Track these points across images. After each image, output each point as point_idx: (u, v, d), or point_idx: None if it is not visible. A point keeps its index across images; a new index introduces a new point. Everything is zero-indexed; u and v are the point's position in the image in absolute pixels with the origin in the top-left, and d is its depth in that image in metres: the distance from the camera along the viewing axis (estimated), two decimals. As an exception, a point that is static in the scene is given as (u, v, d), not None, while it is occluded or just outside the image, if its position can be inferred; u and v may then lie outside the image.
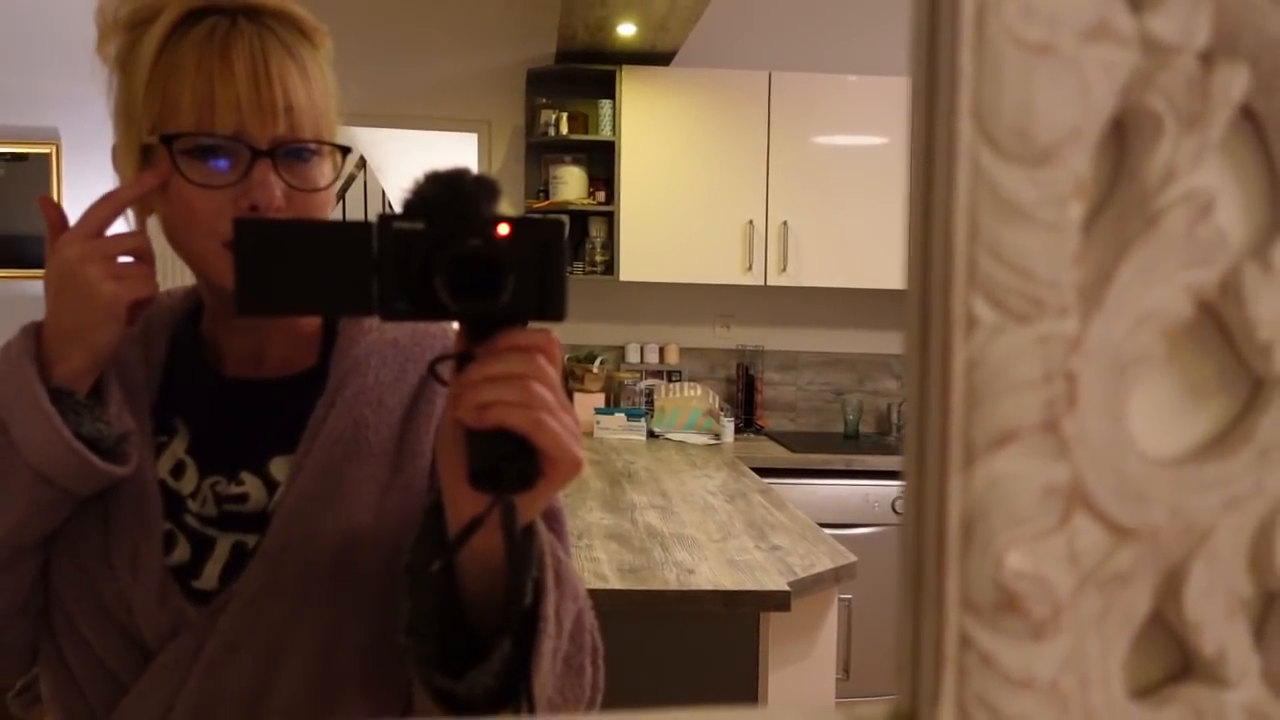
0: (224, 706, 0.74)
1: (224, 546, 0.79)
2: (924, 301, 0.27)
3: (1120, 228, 0.27)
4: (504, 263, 0.57)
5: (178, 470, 0.81)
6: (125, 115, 0.77)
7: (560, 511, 0.82)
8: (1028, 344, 0.26)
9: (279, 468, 0.80)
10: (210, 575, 0.78)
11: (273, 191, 0.74)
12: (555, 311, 0.58)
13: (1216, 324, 0.29)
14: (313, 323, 0.86)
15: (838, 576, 2.02)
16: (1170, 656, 0.29)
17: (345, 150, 0.81)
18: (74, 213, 0.74)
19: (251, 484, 0.80)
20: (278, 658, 0.75)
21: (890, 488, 3.50)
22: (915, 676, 0.28)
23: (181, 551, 0.79)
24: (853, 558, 2.08)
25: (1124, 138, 0.28)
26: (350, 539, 0.77)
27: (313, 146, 0.77)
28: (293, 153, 0.76)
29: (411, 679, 0.70)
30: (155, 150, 0.75)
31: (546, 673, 0.66)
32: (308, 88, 0.76)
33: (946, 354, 0.26)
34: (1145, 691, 0.28)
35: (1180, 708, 0.28)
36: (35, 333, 0.73)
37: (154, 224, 0.80)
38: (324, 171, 0.79)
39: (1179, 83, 0.27)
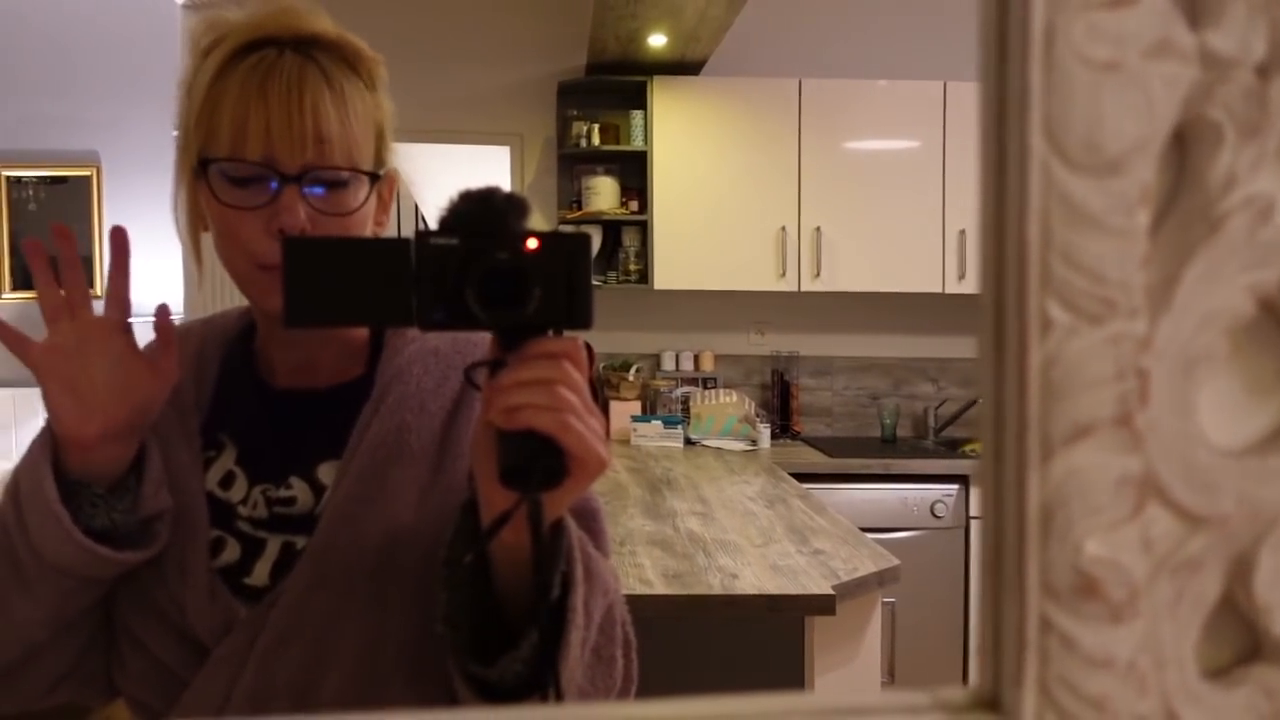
0: (277, 697, 0.78)
1: (274, 546, 0.83)
2: (999, 305, 0.29)
3: (1185, 232, 0.29)
4: (529, 275, 0.60)
5: (227, 481, 0.86)
6: (183, 138, 0.82)
7: (599, 512, 0.85)
8: (1100, 344, 0.28)
9: (326, 473, 0.84)
10: (261, 573, 0.82)
11: (297, 215, 0.77)
12: (582, 320, 0.62)
13: (1277, 323, 0.30)
14: (361, 334, 0.90)
15: (881, 580, 2.02)
16: (1241, 639, 0.30)
17: (375, 176, 0.83)
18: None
19: (300, 488, 0.84)
20: (326, 651, 0.79)
21: (928, 491, 3.50)
22: (997, 659, 0.29)
23: (230, 553, 0.83)
24: (895, 561, 2.08)
25: (1185, 147, 0.29)
26: (393, 537, 0.81)
27: (345, 175, 0.80)
28: (323, 179, 0.80)
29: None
30: (200, 173, 0.80)
31: (575, 662, 0.69)
32: (342, 117, 0.79)
33: (1023, 354, 0.28)
34: (1218, 672, 0.30)
35: (1251, 688, 0.30)
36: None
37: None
38: (358, 196, 0.82)
39: (1237, 94, 0.29)
